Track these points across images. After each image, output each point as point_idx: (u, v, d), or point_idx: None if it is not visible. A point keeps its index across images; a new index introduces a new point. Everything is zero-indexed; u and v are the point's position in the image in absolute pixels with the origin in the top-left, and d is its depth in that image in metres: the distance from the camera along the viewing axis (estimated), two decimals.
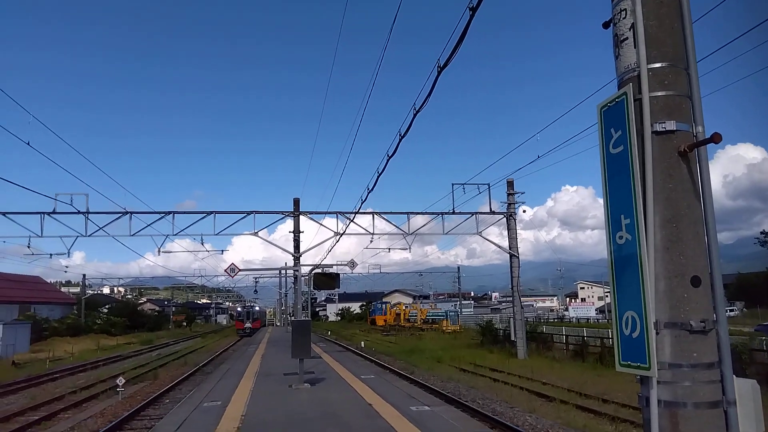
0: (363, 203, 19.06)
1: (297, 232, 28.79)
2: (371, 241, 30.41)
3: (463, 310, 75.36)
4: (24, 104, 17.22)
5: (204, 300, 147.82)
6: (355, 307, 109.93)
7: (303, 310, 21.44)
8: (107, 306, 76.16)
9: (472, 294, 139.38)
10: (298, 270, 24.97)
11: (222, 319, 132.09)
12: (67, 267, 67.76)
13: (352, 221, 27.50)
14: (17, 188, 21.20)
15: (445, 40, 6.89)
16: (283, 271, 37.83)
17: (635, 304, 2.68)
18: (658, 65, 2.79)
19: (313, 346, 24.71)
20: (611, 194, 2.90)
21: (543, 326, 38.81)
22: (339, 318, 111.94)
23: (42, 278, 67.21)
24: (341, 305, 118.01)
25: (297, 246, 28.70)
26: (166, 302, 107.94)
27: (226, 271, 24.26)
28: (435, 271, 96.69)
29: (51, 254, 30.01)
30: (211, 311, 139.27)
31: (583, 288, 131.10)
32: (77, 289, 76.73)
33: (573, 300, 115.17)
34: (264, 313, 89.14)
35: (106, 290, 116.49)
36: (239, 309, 71.59)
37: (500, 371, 21.96)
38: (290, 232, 29.06)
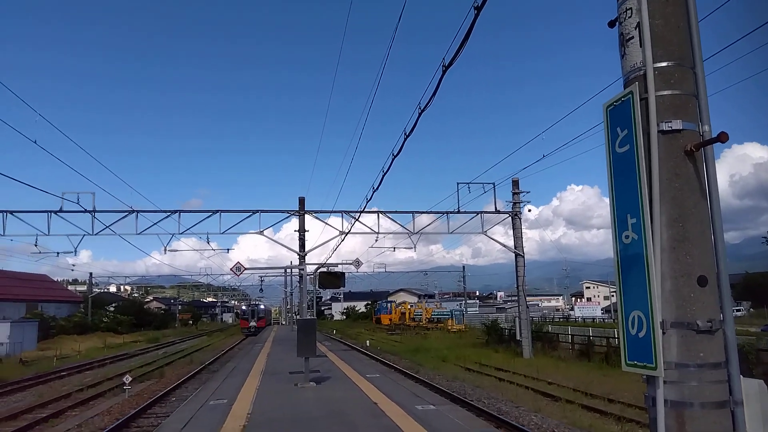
0: (368, 202, 19.09)
1: (302, 231, 28.84)
2: (376, 240, 30.47)
3: (469, 310, 75.30)
4: (31, 103, 17.33)
5: (210, 298, 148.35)
6: (360, 306, 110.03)
7: (308, 309, 21.47)
8: (114, 304, 76.53)
9: (477, 293, 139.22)
10: (304, 269, 25.04)
11: (228, 318, 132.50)
12: (74, 265, 67.92)
13: (357, 220, 27.53)
14: (24, 187, 21.33)
15: (450, 39, 6.89)
16: (289, 270, 37.88)
17: (642, 304, 2.67)
18: (664, 64, 2.79)
19: (319, 345, 24.76)
20: (617, 193, 2.89)
21: (548, 326, 38.73)
22: (344, 317, 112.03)
23: (49, 276, 67.58)
24: (346, 304, 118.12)
25: (302, 245, 28.75)
26: (173, 301, 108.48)
27: (232, 270, 24.33)
28: (440, 271, 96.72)
29: (58, 252, 30.38)
30: (217, 310, 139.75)
31: (589, 287, 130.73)
32: (84, 288, 77.10)
33: (578, 299, 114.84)
34: (269, 312, 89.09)
35: (113, 288, 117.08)
36: (244, 307, 70.23)
37: (505, 371, 21.93)
38: (295, 231, 29.13)
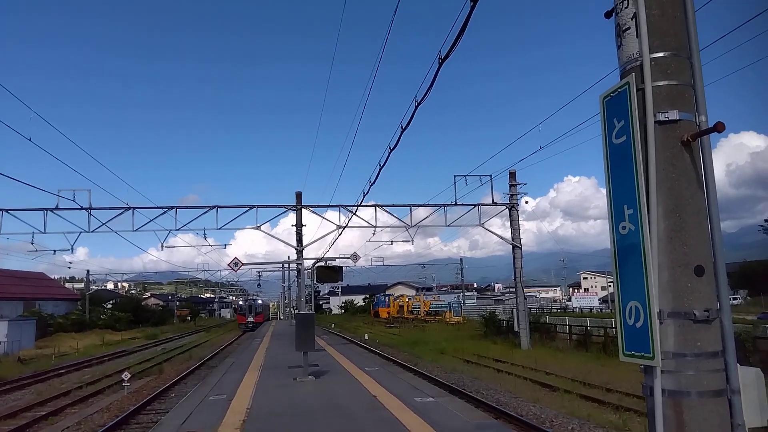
0: (365, 196, 19.06)
1: (299, 226, 28.82)
2: (374, 234, 30.44)
3: (466, 302, 75.53)
4: (25, 100, 17.24)
5: (208, 294, 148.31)
6: (359, 300, 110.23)
7: (306, 304, 21.50)
8: (111, 301, 76.53)
9: (475, 285, 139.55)
10: (301, 263, 25.06)
11: (226, 313, 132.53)
12: (71, 263, 67.88)
13: (355, 214, 27.47)
14: (19, 185, 21.26)
15: (447, 32, 6.86)
16: (287, 265, 37.90)
17: (639, 294, 2.68)
18: (661, 54, 2.78)
19: (317, 339, 24.81)
20: (614, 184, 2.89)
21: (546, 317, 38.87)
22: (342, 311, 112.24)
23: (46, 274, 67.43)
24: (344, 298, 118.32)
25: (300, 239, 28.73)
26: (170, 297, 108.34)
27: (230, 266, 24.33)
28: (438, 263, 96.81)
29: (54, 250, 30.22)
30: (215, 305, 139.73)
31: (586, 278, 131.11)
32: (81, 285, 76.99)
33: (576, 290, 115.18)
34: (267, 307, 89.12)
35: (110, 286, 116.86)
36: (241, 303, 68.97)
37: (504, 362, 22.02)
38: (293, 226, 29.09)
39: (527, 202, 30.40)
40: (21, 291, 52.24)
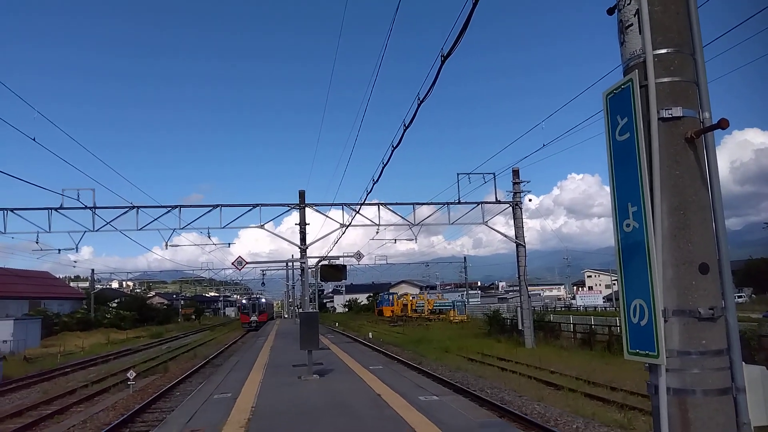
0: (368, 194, 19.07)
1: (303, 224, 28.87)
2: (377, 233, 30.44)
3: (470, 300, 75.47)
4: (29, 100, 17.26)
5: (212, 293, 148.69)
6: (363, 299, 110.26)
7: (310, 302, 21.52)
8: (116, 300, 76.77)
9: (479, 284, 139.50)
10: (305, 262, 25.07)
11: (230, 312, 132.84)
12: (76, 262, 68.39)
13: (358, 213, 27.50)
14: (24, 184, 21.36)
15: (449, 29, 6.85)
16: (290, 263, 37.95)
17: (643, 292, 2.67)
18: (664, 51, 2.76)
19: (322, 338, 24.85)
20: (618, 182, 2.88)
21: (550, 315, 38.82)
22: (346, 309, 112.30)
23: (51, 273, 67.74)
24: (348, 297, 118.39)
25: (303, 238, 28.78)
26: (175, 296, 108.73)
27: (234, 264, 24.39)
28: (441, 262, 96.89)
29: (59, 249, 30.44)
30: (220, 304, 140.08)
31: (590, 276, 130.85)
32: (86, 284, 77.30)
33: (580, 288, 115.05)
34: (271, 305, 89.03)
35: (115, 284, 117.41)
36: (244, 301, 67.17)
37: (508, 360, 21.99)
38: (296, 225, 29.16)
39: (531, 200, 30.41)
40: (26, 290, 52.48)
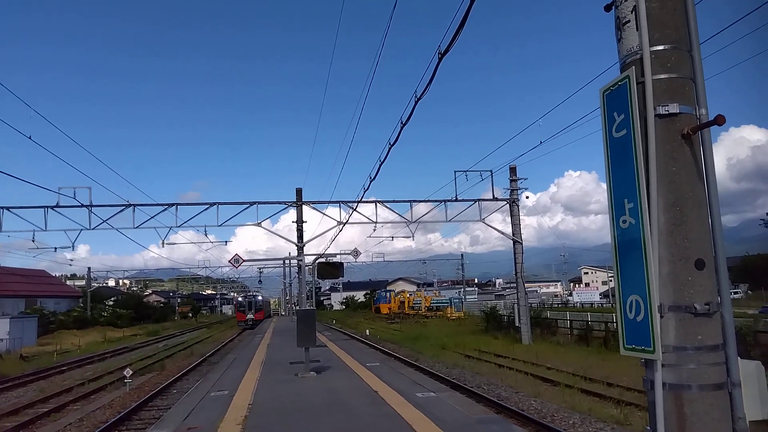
0: (365, 192, 19.06)
1: (300, 222, 28.85)
2: (374, 230, 30.48)
3: (467, 297, 75.65)
4: (25, 98, 17.23)
5: (209, 291, 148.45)
6: (360, 296, 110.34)
7: (307, 300, 21.53)
8: (113, 298, 76.55)
9: (476, 281, 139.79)
10: (302, 260, 25.06)
11: (227, 310, 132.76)
12: (72, 260, 68.29)
13: (355, 210, 27.50)
14: (20, 182, 21.34)
15: (446, 26, 6.84)
16: (287, 261, 37.94)
17: (639, 288, 2.68)
18: (661, 48, 2.77)
19: (319, 335, 24.84)
20: (614, 178, 2.89)
21: (547, 312, 38.88)
22: (343, 307, 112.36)
23: (47, 272, 67.56)
24: (345, 294, 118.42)
25: (300, 236, 28.76)
26: (172, 294, 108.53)
27: (230, 262, 24.40)
28: (438, 259, 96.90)
29: (56, 248, 30.40)
30: (216, 302, 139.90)
31: (587, 273, 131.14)
32: (82, 282, 77.13)
33: (577, 285, 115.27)
34: (268, 303, 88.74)
35: (112, 283, 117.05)
36: (240, 299, 65.05)
37: (505, 357, 22.04)
38: (293, 222, 29.13)
39: (528, 197, 30.45)
40: (22, 288, 52.33)
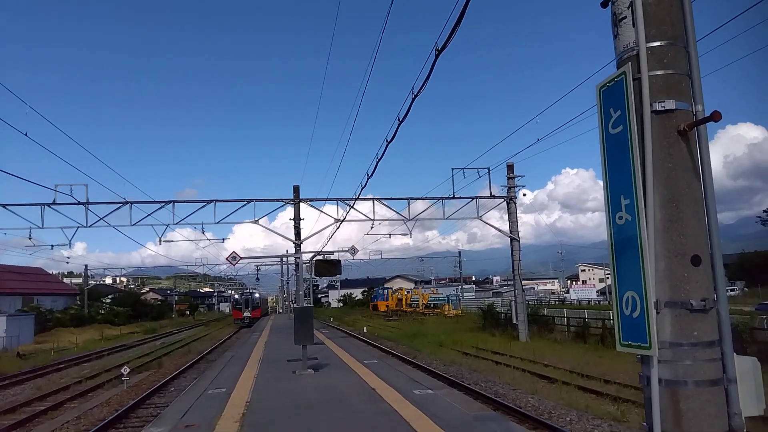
0: (363, 189, 19.07)
1: (297, 220, 28.82)
2: (372, 228, 30.52)
3: (465, 295, 75.68)
4: (21, 95, 17.19)
5: (206, 289, 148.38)
6: (357, 294, 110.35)
7: (305, 297, 21.54)
8: (110, 296, 76.54)
9: (474, 278, 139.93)
10: (300, 257, 25.06)
11: (225, 308, 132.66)
12: (69, 258, 68.05)
13: (353, 208, 27.48)
14: (17, 180, 21.31)
15: (443, 22, 6.84)
16: (285, 259, 37.92)
17: (635, 285, 2.68)
18: (657, 44, 2.76)
19: (316, 333, 24.85)
20: (611, 175, 2.88)
21: (544, 309, 38.96)
22: (341, 304, 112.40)
23: (44, 269, 67.48)
24: (343, 292, 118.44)
25: (298, 233, 28.73)
26: (169, 291, 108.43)
27: (228, 260, 24.38)
28: (436, 256, 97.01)
29: (52, 245, 30.23)
30: (214, 300, 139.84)
31: (584, 270, 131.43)
32: (79, 280, 76.99)
33: (574, 282, 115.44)
34: (265, 301, 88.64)
35: (109, 280, 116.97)
36: (236, 296, 63.66)
37: (502, 354, 22.09)
38: (291, 220, 29.12)
39: (525, 195, 30.49)
40: (19, 286, 52.24)
